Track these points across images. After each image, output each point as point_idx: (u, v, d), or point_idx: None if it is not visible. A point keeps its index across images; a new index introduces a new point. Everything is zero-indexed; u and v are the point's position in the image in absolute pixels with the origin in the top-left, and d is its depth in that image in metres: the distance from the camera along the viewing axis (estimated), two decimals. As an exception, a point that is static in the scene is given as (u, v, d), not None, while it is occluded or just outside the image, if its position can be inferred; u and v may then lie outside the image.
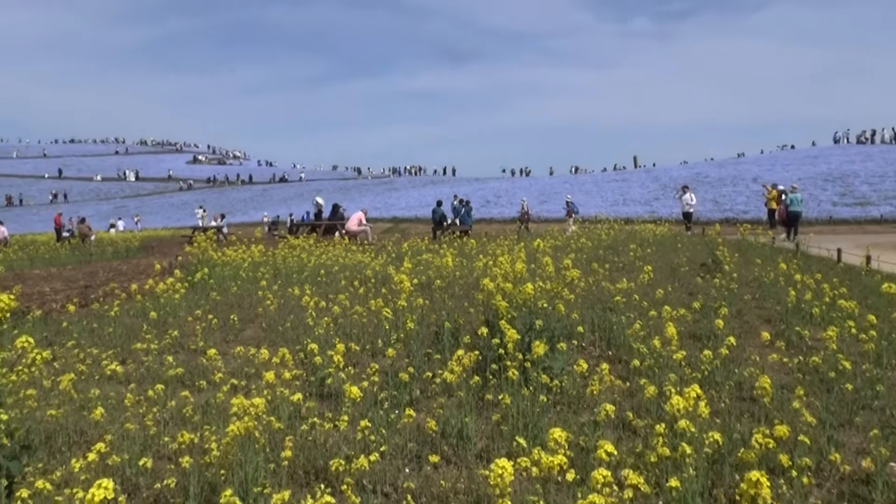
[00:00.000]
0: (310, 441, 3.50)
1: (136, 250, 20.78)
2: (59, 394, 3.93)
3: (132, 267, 14.30)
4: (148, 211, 58.04)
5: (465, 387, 3.79)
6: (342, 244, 14.29)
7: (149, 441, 3.43)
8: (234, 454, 2.95)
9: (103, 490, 1.56)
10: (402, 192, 57.61)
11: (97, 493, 1.55)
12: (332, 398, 4.38)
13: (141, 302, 7.69)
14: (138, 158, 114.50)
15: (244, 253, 11.62)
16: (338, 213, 21.69)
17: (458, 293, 7.78)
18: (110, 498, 1.56)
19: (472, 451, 3.46)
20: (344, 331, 5.98)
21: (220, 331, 6.51)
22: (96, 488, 1.56)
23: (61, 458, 3.42)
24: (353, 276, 9.38)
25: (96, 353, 5.32)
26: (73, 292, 9.55)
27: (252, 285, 9.03)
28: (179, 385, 4.57)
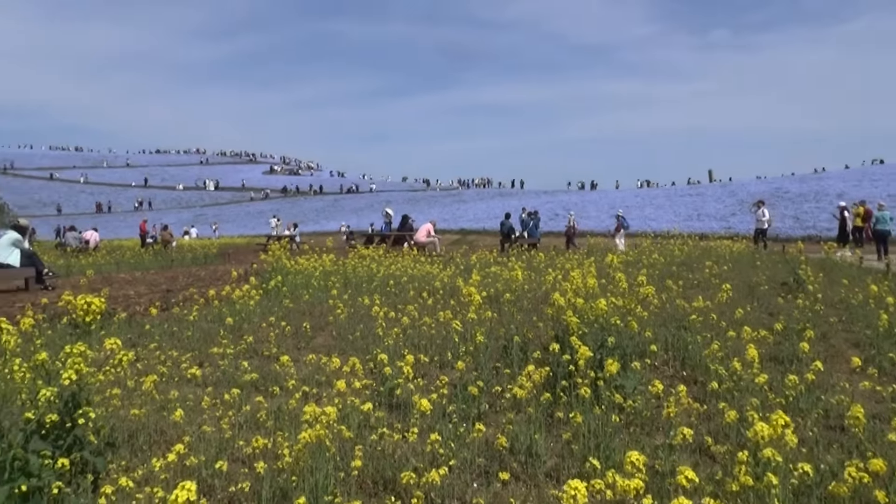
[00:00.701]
0: (378, 451, 3.52)
1: (213, 257, 21.56)
2: (142, 394, 4.09)
3: (210, 273, 14.83)
4: (225, 219, 60.29)
5: (535, 403, 3.73)
6: (411, 255, 14.41)
7: (224, 444, 3.52)
8: (306, 461, 2.99)
9: (186, 492, 1.60)
10: (469, 204, 57.78)
11: (181, 495, 1.59)
12: (400, 409, 4.39)
13: (218, 307, 7.94)
14: (217, 169, 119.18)
15: (316, 262, 11.88)
16: (407, 225, 21.92)
17: (526, 307, 7.70)
18: (193, 500, 1.59)
19: (542, 469, 3.39)
20: (412, 342, 6.01)
21: (292, 338, 6.65)
22: (180, 490, 1.61)
23: (142, 456, 3.54)
24: (421, 287, 9.43)
25: (176, 356, 5.52)
26: (155, 296, 9.96)
27: (323, 294, 9.21)
28: (253, 390, 4.68)
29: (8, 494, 2.57)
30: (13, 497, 2.59)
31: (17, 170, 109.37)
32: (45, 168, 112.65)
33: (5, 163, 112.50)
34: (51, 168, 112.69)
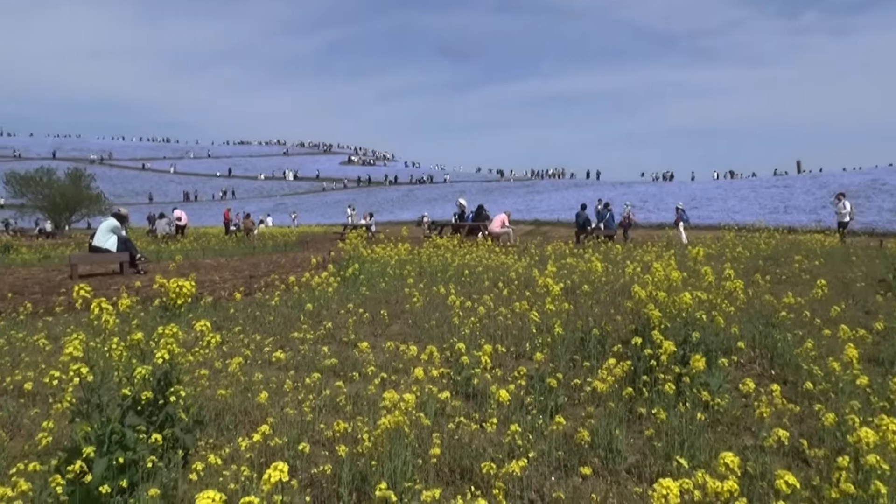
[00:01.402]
0: (455, 440, 3.51)
1: (292, 245, 22.18)
2: (228, 375, 4.24)
3: (290, 260, 15.26)
4: (303, 208, 61.94)
5: (616, 397, 3.63)
6: (485, 245, 14.38)
7: (305, 426, 3.59)
8: (384, 446, 3.02)
9: (278, 472, 1.63)
10: (543, 194, 57.19)
11: (273, 475, 1.62)
12: (475, 398, 4.38)
13: (298, 293, 8.16)
14: (297, 159, 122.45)
15: (391, 251, 12.03)
16: (482, 215, 21.89)
17: (604, 299, 7.54)
18: (285, 480, 1.62)
19: (623, 465, 3.30)
20: (488, 332, 5.98)
21: (368, 325, 6.75)
22: (272, 470, 1.64)
23: (228, 435, 3.67)
24: (496, 277, 9.39)
25: (259, 340, 5.70)
26: (238, 281, 10.33)
27: (398, 282, 9.31)
28: (332, 375, 4.77)
29: (107, 466, 2.71)
30: (111, 468, 2.72)
31: (113, 160, 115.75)
32: (138, 159, 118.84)
33: (103, 154, 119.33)
34: (143, 159, 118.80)
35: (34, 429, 3.91)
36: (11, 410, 4.17)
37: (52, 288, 10.00)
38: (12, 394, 4.53)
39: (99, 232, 12.62)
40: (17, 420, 4.03)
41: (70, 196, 46.14)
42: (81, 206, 47.19)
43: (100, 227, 12.80)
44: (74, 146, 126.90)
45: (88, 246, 13.08)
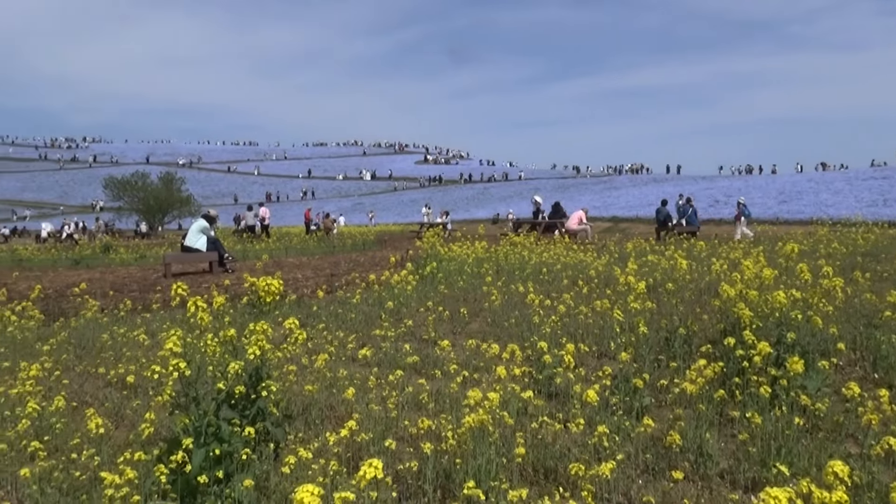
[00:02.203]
0: (538, 440, 3.48)
1: (371, 243, 22.58)
2: (313, 371, 4.35)
3: (368, 259, 15.53)
4: (380, 207, 62.93)
5: (706, 399, 3.51)
6: (563, 243, 14.19)
7: (390, 423, 3.64)
8: (468, 445, 3.02)
9: (373, 469, 1.65)
10: (622, 190, 55.94)
11: (368, 471, 1.65)
12: (558, 398, 4.32)
13: (378, 291, 8.29)
14: (374, 159, 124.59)
15: (468, 249, 12.04)
16: (559, 212, 21.61)
17: (688, 298, 7.29)
18: (380, 477, 1.65)
19: (714, 470, 3.18)
20: (568, 330, 5.90)
21: (447, 322, 6.79)
22: (367, 466, 1.67)
23: (315, 429, 3.77)
24: (575, 275, 9.25)
25: (342, 337, 5.82)
26: (320, 279, 10.60)
27: (476, 280, 9.31)
28: (413, 372, 4.82)
29: (204, 457, 2.83)
30: (208, 459, 2.84)
31: (201, 164, 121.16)
32: (224, 162, 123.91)
33: (192, 157, 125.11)
34: (229, 162, 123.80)
35: (136, 419, 4.14)
36: (116, 402, 4.42)
37: (149, 286, 10.56)
38: (116, 386, 4.81)
39: (190, 233, 13.24)
40: (121, 411, 4.28)
41: (162, 198, 48.68)
42: (173, 207, 49.70)
43: (191, 228, 13.42)
44: (166, 151, 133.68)
45: (181, 246, 13.74)
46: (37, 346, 5.77)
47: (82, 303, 7.64)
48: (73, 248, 24.15)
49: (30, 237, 44.95)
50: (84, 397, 4.64)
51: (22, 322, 6.42)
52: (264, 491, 3.01)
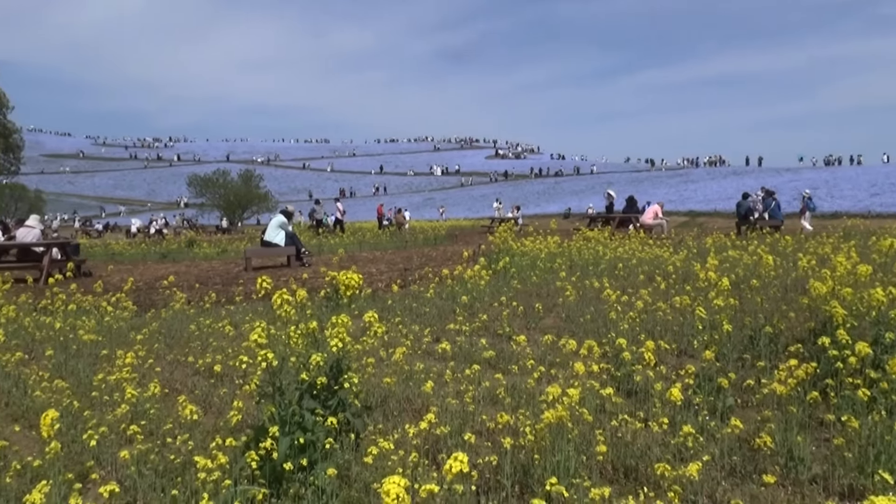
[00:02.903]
0: (617, 438, 3.42)
1: (442, 238, 22.71)
2: (391, 364, 4.42)
3: (440, 253, 15.63)
4: (451, 203, 63.20)
5: (797, 401, 3.36)
6: (638, 237, 13.87)
7: (467, 417, 3.66)
8: (547, 441, 3.00)
9: (459, 463, 1.66)
10: (699, 183, 54.24)
11: (454, 465, 1.66)
12: (636, 395, 4.24)
13: (451, 286, 8.33)
14: (445, 154, 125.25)
15: (541, 244, 11.95)
16: (635, 207, 21.14)
17: (774, 295, 7.00)
18: (465, 471, 1.66)
19: (806, 475, 3.05)
20: (645, 327, 5.77)
21: (521, 318, 6.75)
22: (453, 460, 1.68)
23: (393, 421, 3.82)
24: (651, 270, 9.03)
25: (417, 330, 5.88)
26: (394, 274, 10.75)
27: (549, 275, 9.22)
28: (488, 367, 4.82)
29: (289, 445, 2.92)
30: (293, 448, 2.93)
31: (278, 161, 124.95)
32: (299, 159, 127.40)
33: (269, 155, 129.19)
34: (304, 159, 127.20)
35: (222, 406, 4.31)
36: (204, 389, 4.62)
37: (231, 279, 10.98)
38: (203, 374, 5.02)
39: (269, 228, 13.68)
40: (209, 398, 4.47)
41: (242, 195, 50.49)
42: (252, 203, 51.48)
43: (270, 224, 13.87)
44: (244, 149, 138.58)
45: (260, 241, 14.21)
46: (130, 336, 6.09)
47: (170, 295, 8.02)
48: (161, 243, 25.36)
49: (120, 232, 47.51)
50: (174, 384, 4.87)
51: (116, 312, 6.79)
52: (345, 480, 3.08)
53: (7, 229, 16.37)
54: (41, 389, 4.32)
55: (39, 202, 55.98)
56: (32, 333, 6.32)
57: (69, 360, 5.35)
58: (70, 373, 5.06)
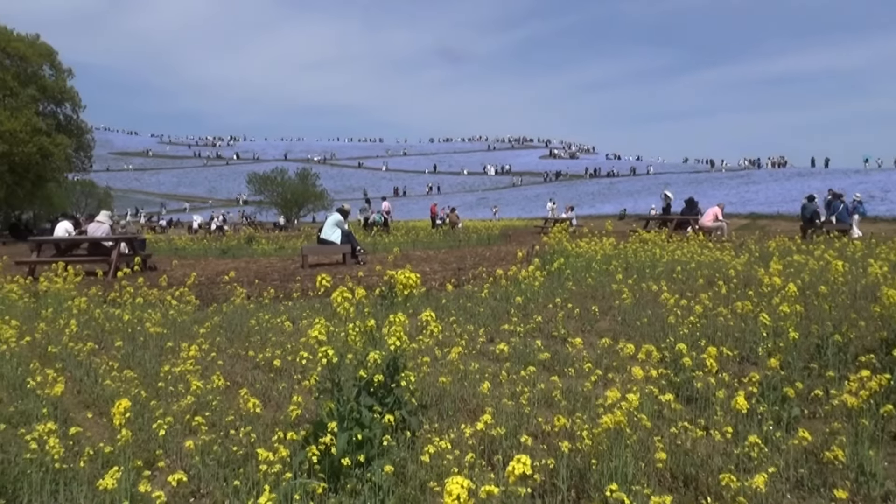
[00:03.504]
0: (676, 445, 3.35)
1: (495, 238, 22.65)
2: (446, 364, 4.44)
3: (494, 253, 15.59)
4: (504, 202, 62.99)
5: (869, 414, 3.22)
6: (697, 240, 13.55)
7: (522, 418, 3.64)
8: (605, 446, 2.96)
9: (522, 465, 1.66)
10: (761, 185, 52.54)
11: (517, 467, 1.66)
12: (695, 402, 4.15)
13: (505, 286, 8.31)
14: (498, 154, 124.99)
15: (596, 245, 11.79)
16: (694, 208, 20.65)
17: (842, 302, 6.73)
18: (528, 473, 1.66)
19: (878, 491, 2.92)
20: (705, 332, 5.63)
21: (576, 320, 6.68)
22: (516, 462, 1.68)
23: (448, 420, 3.84)
24: (711, 274, 8.81)
25: (471, 330, 5.89)
26: (447, 273, 10.78)
27: (605, 277, 9.10)
28: (542, 369, 4.79)
29: (347, 441, 2.96)
30: (351, 443, 2.98)
31: (334, 160, 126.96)
32: (354, 158, 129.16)
33: (325, 154, 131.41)
34: (359, 158, 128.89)
35: (281, 400, 4.41)
36: (263, 384, 4.73)
37: (288, 276, 11.21)
38: (263, 368, 5.15)
39: (326, 226, 13.92)
40: (268, 392, 4.57)
41: (299, 193, 51.50)
42: (308, 201, 52.45)
43: (326, 222, 14.10)
44: (302, 148, 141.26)
45: (317, 238, 14.47)
46: (193, 329, 6.29)
47: (231, 290, 8.24)
48: (221, 239, 26.09)
49: (183, 228, 49.09)
50: (235, 378, 5.00)
51: (180, 306, 7.02)
52: (401, 477, 3.10)
53: (78, 224, 17.11)
54: (111, 379, 4.50)
55: (108, 198, 58.39)
56: (102, 325, 6.59)
57: (136, 352, 5.56)
58: (137, 363, 5.26)
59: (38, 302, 7.93)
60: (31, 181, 39.65)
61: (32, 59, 38.53)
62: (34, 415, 4.02)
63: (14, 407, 4.21)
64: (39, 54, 39.38)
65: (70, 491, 2.96)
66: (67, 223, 15.60)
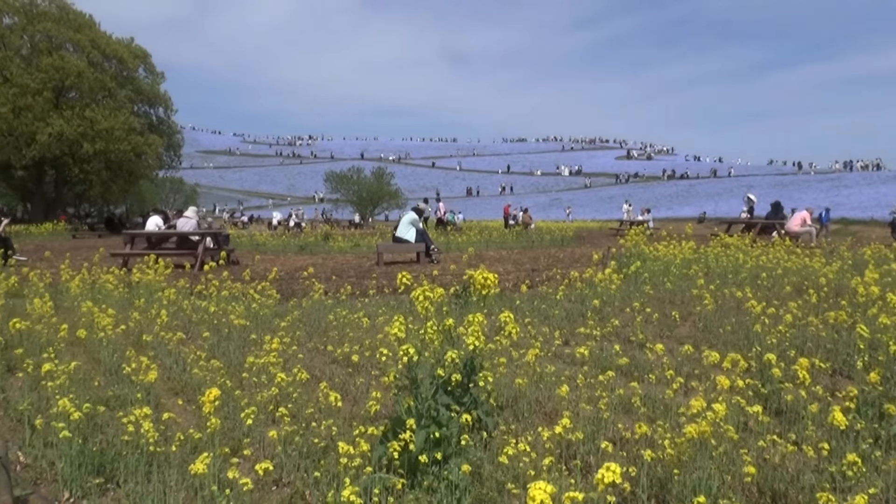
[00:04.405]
0: (764, 460, 3.22)
1: (569, 240, 22.37)
2: (522, 365, 4.41)
3: (568, 255, 15.41)
4: (578, 203, 62.16)
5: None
6: (783, 245, 12.96)
7: (600, 424, 3.58)
8: (689, 456, 2.87)
9: (611, 473, 1.63)
10: (853, 189, 49.82)
11: (606, 476, 1.63)
12: (783, 415, 3.97)
13: (580, 289, 8.19)
14: (573, 155, 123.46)
15: (675, 248, 11.46)
16: (780, 212, 19.78)
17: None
18: (618, 482, 1.62)
19: None
20: (794, 342, 5.37)
21: (654, 325, 6.52)
22: (605, 470, 1.65)
23: (523, 422, 3.81)
24: (799, 281, 8.41)
25: (546, 332, 5.83)
26: (521, 274, 10.72)
27: (684, 282, 8.84)
28: (620, 374, 4.68)
29: (426, 438, 2.99)
30: (429, 441, 3.00)
31: (408, 160, 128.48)
32: (429, 157, 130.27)
33: (400, 153, 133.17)
34: (433, 157, 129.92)
35: (358, 395, 4.49)
36: (342, 378, 4.83)
37: (364, 272, 11.41)
38: (341, 363, 5.25)
39: (401, 224, 14.10)
40: (346, 386, 4.66)
41: (374, 192, 52.44)
42: (382, 200, 53.35)
43: (402, 220, 14.29)
44: (377, 148, 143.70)
45: (392, 237, 14.68)
46: (275, 322, 6.49)
47: (309, 285, 8.45)
48: (299, 236, 26.84)
49: (262, 224, 50.78)
50: (314, 371, 5.12)
51: (262, 300, 7.25)
52: (477, 477, 3.10)
53: (167, 218, 17.97)
54: (198, 368, 4.70)
55: (194, 194, 61.06)
56: (190, 316, 6.89)
57: (221, 342, 5.78)
58: (222, 354, 5.47)
59: (131, 292, 8.36)
60: (125, 178, 42.01)
61: (129, 61, 40.78)
62: (129, 399, 4.24)
63: (111, 391, 4.46)
64: (135, 57, 41.64)
65: (162, 473, 3.11)
66: (158, 218, 16.42)
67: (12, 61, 36.61)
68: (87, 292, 7.99)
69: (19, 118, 35.11)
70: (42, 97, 35.84)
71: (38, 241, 24.30)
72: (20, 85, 35.15)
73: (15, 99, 34.91)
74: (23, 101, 35.03)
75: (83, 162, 37.63)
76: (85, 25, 39.46)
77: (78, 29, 38.65)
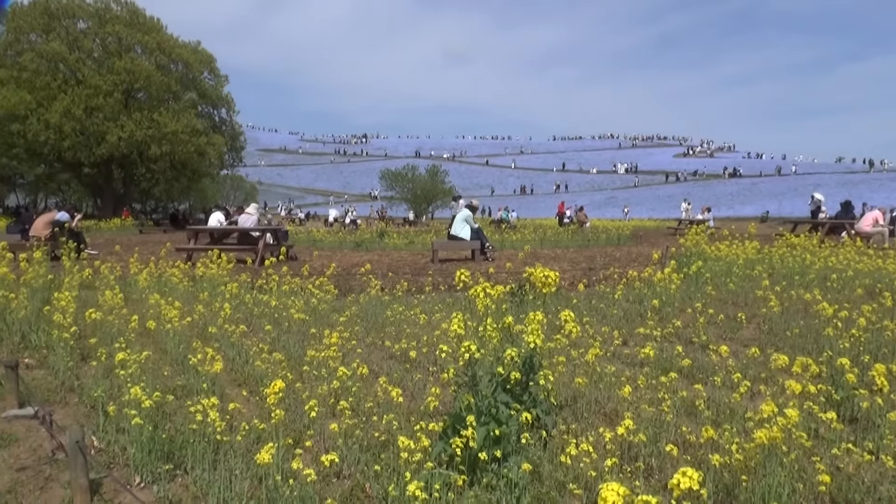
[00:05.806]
0: (837, 468, 3.09)
1: (625, 238, 21.98)
2: (581, 365, 4.35)
3: (624, 254, 15.15)
4: (635, 202, 61.06)
5: None
6: (853, 246, 12.42)
7: (663, 427, 3.50)
8: (757, 462, 2.78)
9: (688, 479, 1.59)
10: (930, 187, 47.38)
11: (682, 481, 1.59)
12: (858, 423, 3.80)
13: (639, 288, 8.03)
14: (629, 152, 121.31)
15: (737, 248, 11.12)
16: (850, 212, 18.99)
17: None
18: (695, 489, 1.58)
19: None
20: (868, 347, 5.14)
21: (716, 326, 6.34)
22: (681, 475, 1.61)
23: (582, 423, 3.76)
24: (872, 284, 8.05)
25: (605, 332, 5.74)
26: (577, 273, 10.59)
27: (747, 283, 8.57)
28: (682, 376, 4.57)
29: (485, 435, 2.98)
30: (488, 438, 2.99)
31: (462, 158, 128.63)
32: (482, 155, 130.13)
33: (455, 151, 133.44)
34: (487, 155, 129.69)
35: (416, 391, 4.52)
36: (399, 373, 4.87)
37: (419, 269, 11.48)
38: (398, 359, 5.29)
39: (455, 222, 14.11)
40: (404, 382, 4.70)
41: (428, 189, 52.72)
42: (436, 198, 53.56)
43: (456, 218, 14.29)
44: (431, 146, 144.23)
45: (447, 234, 14.71)
46: (333, 317, 6.59)
47: (366, 281, 8.55)
48: (355, 233, 27.18)
49: (319, 221, 51.66)
50: (372, 366, 5.17)
51: (321, 295, 7.37)
52: (536, 476, 3.08)
53: (229, 214, 18.46)
54: (261, 360, 4.81)
55: (254, 191, 62.59)
56: (252, 309, 7.06)
57: (282, 336, 5.91)
58: (282, 347, 5.58)
59: (196, 285, 8.62)
60: (188, 177, 43.36)
61: (194, 65, 42.02)
62: (195, 389, 4.37)
63: (179, 381, 4.61)
64: (200, 61, 42.87)
65: (228, 461, 3.19)
66: (220, 214, 16.88)
67: (85, 63, 38.17)
68: (154, 285, 8.28)
69: (91, 118, 36.63)
70: (113, 98, 37.28)
71: (107, 236, 25.34)
72: (92, 86, 36.64)
73: (87, 99, 36.42)
74: (94, 101, 36.51)
75: (150, 161, 39.00)
76: (153, 29, 40.84)
77: (147, 32, 40.03)
